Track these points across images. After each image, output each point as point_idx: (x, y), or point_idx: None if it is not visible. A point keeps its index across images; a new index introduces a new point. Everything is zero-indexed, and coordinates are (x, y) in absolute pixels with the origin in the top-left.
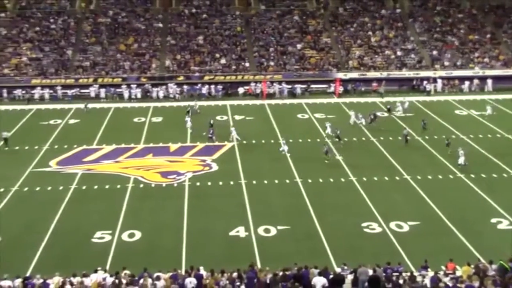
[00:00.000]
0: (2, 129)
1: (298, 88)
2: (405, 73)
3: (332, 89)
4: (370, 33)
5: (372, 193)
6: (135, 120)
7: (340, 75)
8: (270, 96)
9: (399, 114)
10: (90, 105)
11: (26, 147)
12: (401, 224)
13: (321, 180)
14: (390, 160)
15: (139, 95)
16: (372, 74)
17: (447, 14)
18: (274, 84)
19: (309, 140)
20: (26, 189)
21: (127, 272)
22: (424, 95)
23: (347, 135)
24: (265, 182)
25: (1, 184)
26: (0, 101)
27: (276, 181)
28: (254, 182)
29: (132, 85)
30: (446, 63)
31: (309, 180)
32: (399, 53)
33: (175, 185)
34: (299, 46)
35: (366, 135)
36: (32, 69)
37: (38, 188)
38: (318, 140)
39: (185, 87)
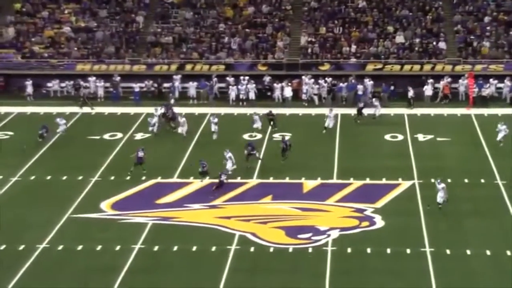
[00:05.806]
0: None
1: None
2: None
3: None
4: None
5: None
6: (245, 136)
7: None
8: (482, 101)
9: None
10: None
11: (64, 178)
12: None
13: None
14: None
15: (252, 95)
16: None
17: None
18: (490, 80)
19: None
20: (60, 248)
21: None
22: None
23: None
24: (468, 252)
25: (23, 239)
26: (23, 98)
27: (488, 252)
28: (448, 251)
29: (241, 78)
30: None
31: None
32: None
33: (310, 250)
34: None
35: None
36: (78, 46)
37: (79, 248)
38: None
39: (321, 81)
